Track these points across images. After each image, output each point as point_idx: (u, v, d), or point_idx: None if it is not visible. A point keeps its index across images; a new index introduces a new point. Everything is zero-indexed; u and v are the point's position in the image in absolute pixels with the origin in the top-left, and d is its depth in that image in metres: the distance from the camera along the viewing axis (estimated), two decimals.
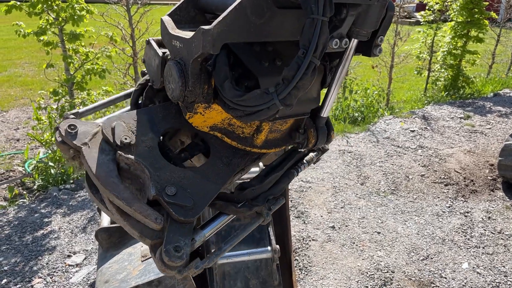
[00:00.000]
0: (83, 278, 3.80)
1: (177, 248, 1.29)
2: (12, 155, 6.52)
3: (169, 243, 1.32)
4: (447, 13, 10.08)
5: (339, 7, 1.39)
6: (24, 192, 5.34)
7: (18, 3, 5.10)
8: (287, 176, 1.61)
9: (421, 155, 6.40)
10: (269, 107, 1.36)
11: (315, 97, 1.61)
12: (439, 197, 5.29)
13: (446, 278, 3.91)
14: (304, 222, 4.66)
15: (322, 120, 1.63)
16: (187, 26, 1.66)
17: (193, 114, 1.47)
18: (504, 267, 4.06)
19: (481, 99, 9.56)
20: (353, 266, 4.03)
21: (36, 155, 6.13)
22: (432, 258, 4.17)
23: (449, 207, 5.08)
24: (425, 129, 7.47)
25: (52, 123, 5.86)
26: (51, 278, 3.79)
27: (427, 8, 10.05)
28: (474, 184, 5.63)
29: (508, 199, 5.26)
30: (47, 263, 3.96)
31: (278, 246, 2.82)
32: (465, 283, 3.86)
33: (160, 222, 1.30)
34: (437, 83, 10.15)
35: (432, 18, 9.86)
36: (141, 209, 1.34)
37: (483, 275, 3.96)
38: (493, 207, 5.07)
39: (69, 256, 4.07)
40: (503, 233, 4.58)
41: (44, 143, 5.85)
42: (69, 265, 3.95)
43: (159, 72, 1.62)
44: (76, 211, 4.79)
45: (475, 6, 9.54)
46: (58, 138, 1.49)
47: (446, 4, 9.81)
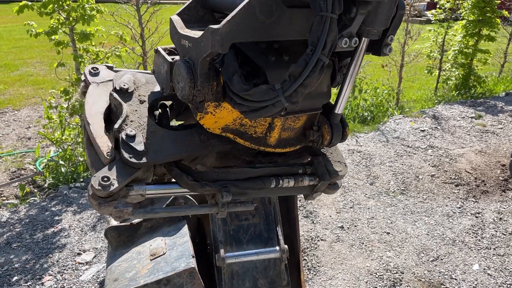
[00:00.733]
0: (93, 276, 3.82)
1: (104, 178, 1.35)
2: (24, 153, 6.59)
3: (102, 173, 1.39)
4: (458, 12, 9.98)
5: (348, 5, 1.38)
6: (35, 190, 5.40)
7: (30, 3, 5.15)
8: (261, 180, 1.56)
9: (431, 155, 6.34)
10: (274, 104, 1.35)
11: (325, 92, 1.59)
12: (449, 198, 5.24)
13: (456, 279, 3.88)
14: (313, 222, 4.65)
15: (336, 116, 1.61)
16: (196, 26, 1.66)
17: (203, 115, 1.47)
18: None
19: (492, 98, 9.45)
20: (362, 266, 4.01)
21: (47, 154, 6.18)
22: (442, 259, 4.13)
23: (459, 207, 5.03)
24: (436, 128, 7.40)
25: (63, 121, 5.91)
26: (61, 275, 3.82)
27: (438, 6, 9.96)
28: (485, 184, 5.57)
29: None
30: (57, 261, 3.99)
31: (286, 246, 2.82)
32: (476, 284, 3.82)
33: (110, 156, 1.37)
34: (448, 82, 10.05)
35: (443, 17, 9.77)
36: (101, 140, 1.41)
37: (494, 276, 3.91)
38: (504, 208, 5.02)
39: (79, 254, 4.10)
40: None
41: (55, 142, 5.90)
42: (79, 263, 3.98)
43: (168, 78, 1.63)
44: (86, 209, 4.82)
45: (486, 5, 9.43)
46: (82, 77, 1.73)
47: (457, 2, 9.71)
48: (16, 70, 11.81)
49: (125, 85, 1.60)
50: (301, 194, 1.78)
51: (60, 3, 5.13)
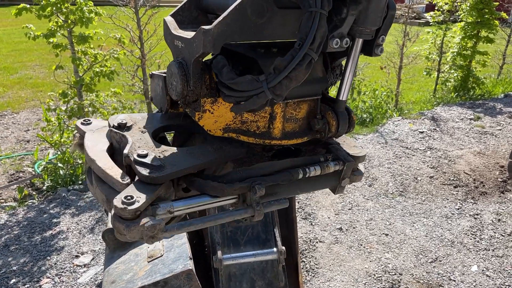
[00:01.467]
0: (91, 278, 3.82)
1: (127, 197, 1.24)
2: (22, 156, 6.59)
3: (123, 194, 1.27)
4: (457, 14, 9.99)
5: (339, 6, 1.38)
6: (34, 193, 5.39)
7: (28, 6, 5.16)
8: (288, 171, 1.51)
9: (430, 157, 6.34)
10: (258, 95, 1.34)
11: (320, 77, 1.59)
12: (448, 199, 5.24)
13: (455, 280, 3.87)
14: (311, 224, 4.65)
15: (341, 104, 1.59)
16: (189, 27, 1.67)
17: (202, 114, 1.47)
18: None
19: (491, 100, 9.46)
20: (361, 268, 4.01)
21: (45, 156, 6.19)
22: (440, 261, 4.13)
23: (458, 209, 5.03)
24: (434, 130, 7.41)
25: (61, 124, 5.92)
26: (59, 278, 3.82)
27: (436, 8, 9.97)
28: (484, 186, 5.57)
29: None
30: (55, 263, 3.99)
31: (284, 248, 2.81)
32: (474, 286, 3.81)
33: (126, 180, 1.28)
34: (447, 84, 10.07)
35: (441, 19, 9.79)
36: (112, 170, 1.35)
37: (493, 278, 3.91)
38: (503, 209, 5.01)
39: (77, 257, 4.10)
40: None
41: (53, 144, 5.90)
42: (77, 266, 3.97)
43: (164, 93, 1.64)
44: (84, 212, 4.82)
45: (485, 7, 9.45)
46: (74, 132, 1.67)
47: (456, 4, 9.73)
48: (15, 73, 11.82)
49: (123, 120, 1.58)
50: (330, 186, 1.71)
51: (59, 6, 5.15)
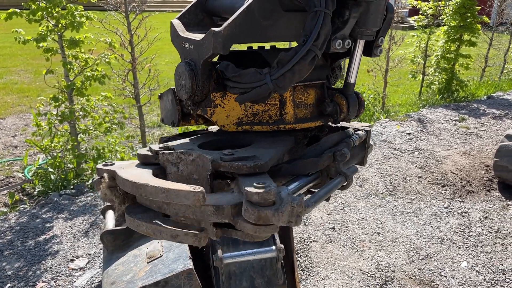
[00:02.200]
0: (87, 281, 3.81)
1: (259, 184, 1.14)
2: (11, 161, 6.53)
3: (248, 186, 1.16)
4: (440, 18, 10.22)
5: (342, 9, 1.46)
6: (25, 198, 5.36)
7: (19, 10, 5.14)
8: (350, 139, 1.61)
9: (417, 157, 6.48)
10: (261, 86, 1.41)
11: (322, 64, 1.67)
12: (436, 198, 5.37)
13: (445, 276, 3.97)
14: (305, 224, 4.71)
15: (350, 86, 1.68)
16: (195, 29, 1.72)
17: (213, 109, 1.52)
18: (502, 265, 4.13)
19: (475, 102, 9.69)
20: (354, 266, 4.08)
21: (35, 162, 6.14)
22: (431, 258, 4.23)
23: (446, 207, 5.15)
24: (421, 131, 7.56)
25: (52, 129, 5.89)
26: (55, 282, 3.81)
27: (420, 13, 10.19)
28: (470, 184, 5.71)
29: (504, 199, 5.34)
30: (50, 267, 3.97)
31: (282, 245, 2.87)
32: (465, 281, 3.92)
33: (197, 188, 1.10)
34: (432, 86, 10.28)
35: (425, 23, 10.01)
36: (172, 184, 1.17)
37: (482, 273, 4.02)
38: (489, 207, 5.15)
39: (72, 260, 4.09)
40: (500, 232, 4.66)
41: (43, 149, 5.87)
42: (73, 269, 3.97)
43: (174, 103, 1.69)
44: (77, 216, 4.81)
45: (467, 11, 9.69)
46: (97, 178, 1.44)
47: (439, 8, 9.95)
48: (0, 78, 11.68)
49: (167, 143, 1.50)
50: (360, 158, 1.82)
51: (49, 10, 5.14)
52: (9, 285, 3.73)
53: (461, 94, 10.14)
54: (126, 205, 1.36)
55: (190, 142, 1.55)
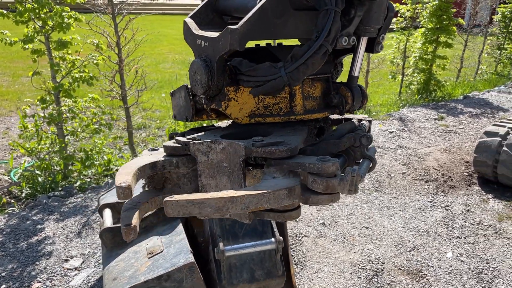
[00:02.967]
0: (83, 280, 3.82)
1: (322, 158, 1.29)
2: None
3: (309, 160, 1.30)
4: (418, 20, 10.53)
5: (348, 8, 1.57)
6: (12, 201, 5.30)
7: (5, 11, 5.10)
8: (360, 129, 1.77)
9: (401, 155, 6.68)
10: (276, 79, 1.52)
11: (326, 59, 1.80)
12: (420, 193, 5.56)
13: (432, 266, 4.14)
14: (295, 220, 4.82)
15: (354, 79, 1.80)
16: (206, 28, 1.81)
17: (227, 103, 1.61)
18: (485, 254, 4.32)
19: (452, 101, 10.00)
20: (346, 259, 4.21)
21: (20, 164, 6.08)
22: (418, 249, 4.39)
23: (430, 201, 5.34)
24: (403, 130, 7.78)
25: (39, 130, 5.85)
26: (50, 282, 3.80)
27: (399, 15, 10.47)
28: (452, 180, 5.93)
29: (484, 193, 5.57)
30: (45, 268, 3.96)
31: (281, 238, 2.96)
32: (451, 270, 4.09)
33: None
34: (411, 87, 10.56)
35: (404, 25, 10.29)
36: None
37: (467, 262, 4.20)
38: (471, 201, 5.37)
39: (66, 261, 4.08)
40: (482, 223, 4.86)
41: (30, 151, 5.82)
42: (68, 269, 3.97)
43: (188, 99, 1.78)
44: (69, 217, 4.80)
45: (443, 13, 10.01)
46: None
47: (417, 11, 10.25)
48: None
49: (192, 135, 1.57)
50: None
51: (37, 11, 5.12)
52: (4, 286, 3.71)
53: (438, 94, 10.45)
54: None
55: (212, 135, 1.63)
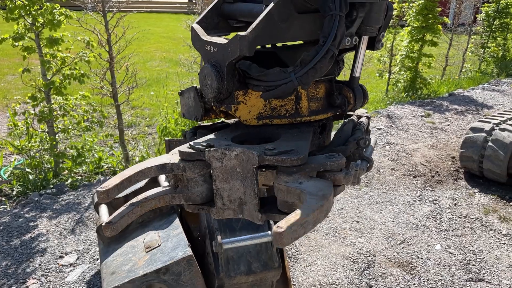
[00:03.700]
0: (79, 276, 3.84)
1: (331, 155, 1.44)
2: None
3: (321, 159, 1.43)
4: (404, 19, 10.69)
5: (350, 10, 1.65)
6: (3, 199, 5.27)
7: None
8: (358, 129, 1.83)
9: (389, 151, 6.80)
10: (287, 84, 1.58)
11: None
12: (409, 188, 5.68)
13: (422, 258, 4.25)
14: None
15: (355, 80, 1.87)
16: (212, 32, 1.86)
17: (237, 106, 1.66)
18: (472, 246, 4.45)
19: (438, 98, 10.19)
20: (338, 252, 4.30)
21: (10, 162, 6.04)
22: (408, 242, 4.50)
23: (419, 196, 5.46)
24: (391, 127, 7.92)
25: (29, 128, 5.82)
26: (45, 278, 3.81)
27: None
28: (439, 175, 6.07)
29: (470, 187, 5.72)
30: (39, 265, 3.97)
31: None
32: (439, 262, 4.20)
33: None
34: (398, 84, 10.72)
35: (390, 24, 10.44)
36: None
37: (455, 254, 4.32)
38: (458, 195, 5.51)
39: (61, 257, 4.09)
40: (468, 217, 5.00)
41: (20, 149, 5.79)
42: (63, 265, 3.98)
43: (197, 100, 1.83)
44: (62, 214, 4.80)
45: (429, 12, 10.18)
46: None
47: (403, 10, 10.41)
48: None
49: (203, 144, 1.58)
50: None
51: (27, 8, 5.10)
52: None
53: (424, 91, 10.63)
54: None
55: (223, 138, 1.68)
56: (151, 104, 9.39)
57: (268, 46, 1.85)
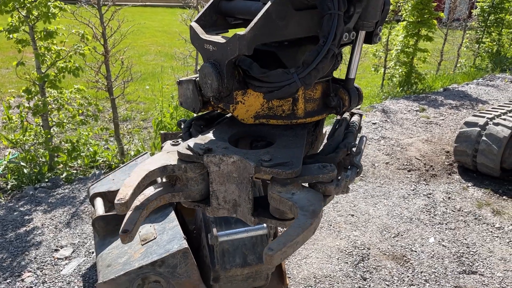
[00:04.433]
0: (74, 269, 3.85)
1: (323, 166, 1.45)
2: None
3: (314, 171, 1.44)
4: (400, 14, 10.70)
5: (348, 6, 1.66)
6: None
7: None
8: (351, 132, 1.84)
9: (384, 145, 6.83)
10: (290, 85, 1.60)
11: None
12: (403, 182, 5.71)
13: (416, 251, 4.29)
14: None
15: (350, 81, 1.88)
16: (211, 30, 1.86)
17: (235, 105, 1.67)
18: (465, 239, 4.49)
19: (432, 93, 10.23)
20: (333, 245, 4.33)
21: (5, 156, 6.01)
22: (402, 235, 4.54)
23: (413, 190, 5.50)
24: (386, 121, 7.95)
25: (24, 122, 5.79)
26: (41, 271, 3.81)
27: None
28: (433, 169, 6.11)
29: (464, 181, 5.76)
30: (35, 258, 3.97)
31: None
32: (433, 255, 4.24)
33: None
34: (393, 79, 10.75)
35: (386, 18, 10.44)
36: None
37: (448, 247, 4.37)
38: (451, 189, 5.55)
39: (56, 250, 4.10)
40: (462, 210, 5.04)
41: (14, 143, 5.76)
42: (58, 259, 3.98)
43: (196, 94, 1.83)
44: (57, 208, 4.79)
45: (424, 7, 10.20)
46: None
47: (399, 5, 10.42)
48: None
49: (204, 146, 1.59)
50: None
51: (22, 0, 5.06)
52: None
53: (419, 86, 10.67)
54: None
55: (220, 137, 1.70)
56: (146, 98, 9.37)
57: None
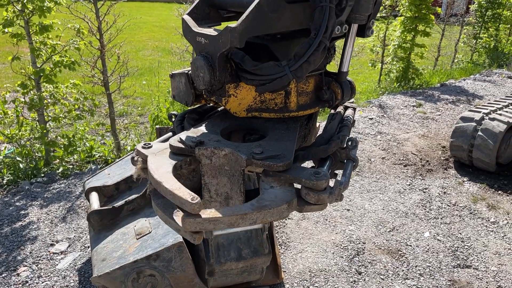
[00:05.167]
0: (70, 264, 3.85)
1: (316, 172, 1.41)
2: None
3: (303, 174, 1.40)
4: (397, 9, 10.68)
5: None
6: None
7: None
8: (345, 125, 1.84)
9: (380, 140, 6.84)
10: (282, 77, 1.59)
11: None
12: (399, 177, 5.73)
13: (411, 246, 4.30)
14: None
15: (343, 75, 1.88)
16: (203, 23, 1.86)
17: (228, 98, 1.67)
18: (460, 234, 4.51)
19: (429, 89, 10.24)
20: (328, 239, 4.34)
21: (0, 151, 6.00)
22: (397, 230, 4.56)
23: (409, 185, 5.51)
24: (382, 116, 7.95)
25: (19, 116, 5.77)
26: (36, 266, 3.81)
27: None
28: (429, 164, 6.12)
29: (459, 176, 5.78)
30: (30, 252, 3.97)
31: None
32: (428, 249, 4.26)
33: (195, 200, 1.25)
34: (390, 74, 10.75)
35: (383, 14, 10.43)
36: (179, 189, 1.30)
37: (443, 241, 4.38)
38: (447, 183, 5.56)
39: (52, 245, 4.10)
40: (457, 205, 5.06)
41: (10, 138, 5.75)
42: (54, 253, 3.98)
43: (188, 87, 1.83)
44: (53, 203, 4.79)
45: (422, 2, 10.18)
46: (134, 153, 1.62)
47: (396, 0, 10.40)
48: None
49: (196, 139, 1.58)
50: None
51: None
52: None
53: (416, 82, 10.67)
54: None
55: (213, 129, 1.69)
56: (143, 93, 9.35)
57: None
